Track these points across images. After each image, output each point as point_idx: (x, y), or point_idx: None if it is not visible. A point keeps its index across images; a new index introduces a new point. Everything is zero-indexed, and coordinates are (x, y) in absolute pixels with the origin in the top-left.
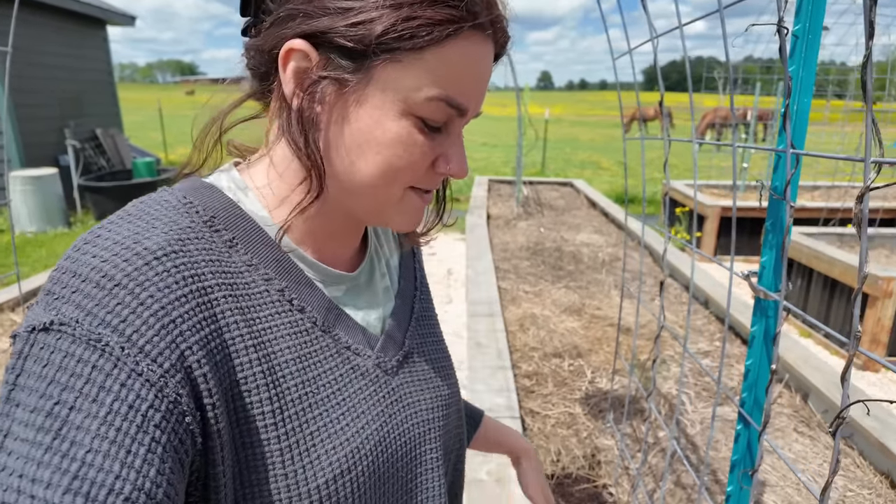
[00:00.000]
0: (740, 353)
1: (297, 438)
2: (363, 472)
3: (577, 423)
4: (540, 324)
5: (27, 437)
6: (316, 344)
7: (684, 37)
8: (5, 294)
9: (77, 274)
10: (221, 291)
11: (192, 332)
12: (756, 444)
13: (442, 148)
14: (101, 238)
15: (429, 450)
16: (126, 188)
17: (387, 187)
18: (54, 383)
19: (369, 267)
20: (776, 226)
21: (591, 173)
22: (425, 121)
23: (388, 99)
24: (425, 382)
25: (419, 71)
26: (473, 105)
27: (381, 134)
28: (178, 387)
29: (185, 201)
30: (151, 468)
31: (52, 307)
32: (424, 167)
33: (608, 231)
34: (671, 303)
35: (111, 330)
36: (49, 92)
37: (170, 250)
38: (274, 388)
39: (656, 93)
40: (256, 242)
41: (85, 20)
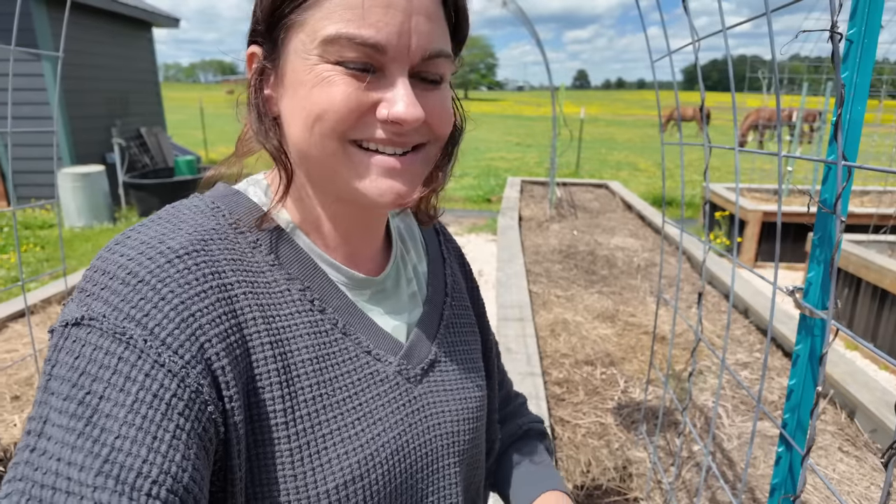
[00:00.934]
0: (781, 365)
1: (308, 440)
2: (377, 480)
3: (608, 434)
4: (572, 330)
5: (62, 424)
6: (335, 346)
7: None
8: (54, 287)
9: (106, 272)
10: (242, 288)
11: (212, 326)
12: (798, 468)
13: (381, 93)
14: (130, 239)
15: (450, 464)
16: (168, 185)
17: (320, 140)
18: (85, 374)
19: (395, 272)
20: (825, 240)
21: (627, 175)
22: (344, 64)
23: (300, 58)
24: (452, 392)
25: (314, 19)
26: (389, 35)
27: (302, 89)
28: (199, 377)
29: (213, 206)
30: (177, 453)
31: (83, 303)
32: (352, 111)
33: (644, 235)
34: (709, 311)
35: (135, 324)
36: (97, 92)
37: (191, 249)
38: (287, 386)
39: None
40: (281, 244)
41: (132, 23)
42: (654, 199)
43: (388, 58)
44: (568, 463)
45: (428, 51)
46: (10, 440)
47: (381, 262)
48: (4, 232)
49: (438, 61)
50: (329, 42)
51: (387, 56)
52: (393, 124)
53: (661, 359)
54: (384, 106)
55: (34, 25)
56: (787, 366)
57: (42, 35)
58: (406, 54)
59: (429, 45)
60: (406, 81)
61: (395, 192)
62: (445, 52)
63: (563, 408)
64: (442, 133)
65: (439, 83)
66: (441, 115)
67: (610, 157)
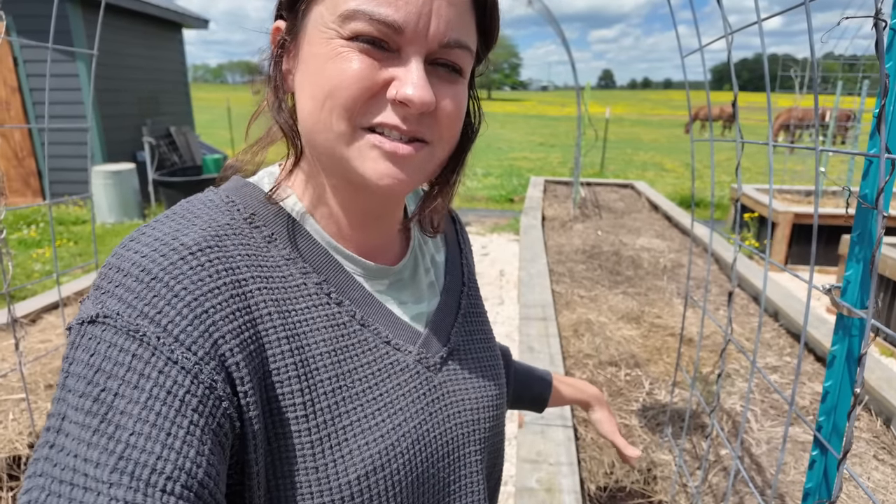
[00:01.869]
0: (812, 370)
1: (329, 432)
2: (399, 469)
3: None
4: (595, 330)
5: (78, 421)
6: (353, 338)
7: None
8: (86, 280)
9: (120, 269)
10: (256, 284)
11: (225, 322)
12: (834, 473)
13: (393, 73)
14: (144, 235)
15: (472, 452)
16: (195, 183)
17: (329, 120)
18: (100, 371)
19: (413, 262)
20: (864, 237)
21: (653, 175)
22: (359, 39)
23: (318, 32)
24: (471, 381)
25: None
26: (409, 16)
27: (315, 63)
28: (212, 373)
29: (228, 200)
30: (191, 449)
31: (98, 301)
32: (363, 89)
33: (671, 236)
34: (737, 314)
35: (148, 321)
36: (129, 92)
37: (205, 245)
38: (306, 379)
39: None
40: (296, 237)
41: (163, 24)
42: (680, 199)
43: (404, 39)
44: (591, 464)
45: (447, 38)
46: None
47: (398, 252)
48: (40, 227)
49: (457, 52)
50: (347, 17)
51: (403, 37)
52: (401, 105)
53: (688, 361)
54: (395, 85)
55: (70, 27)
56: (819, 371)
57: (77, 36)
58: (424, 38)
59: (448, 31)
60: (420, 65)
61: (394, 177)
62: (466, 43)
63: None
64: (449, 132)
65: (457, 77)
66: (451, 111)
67: (635, 157)
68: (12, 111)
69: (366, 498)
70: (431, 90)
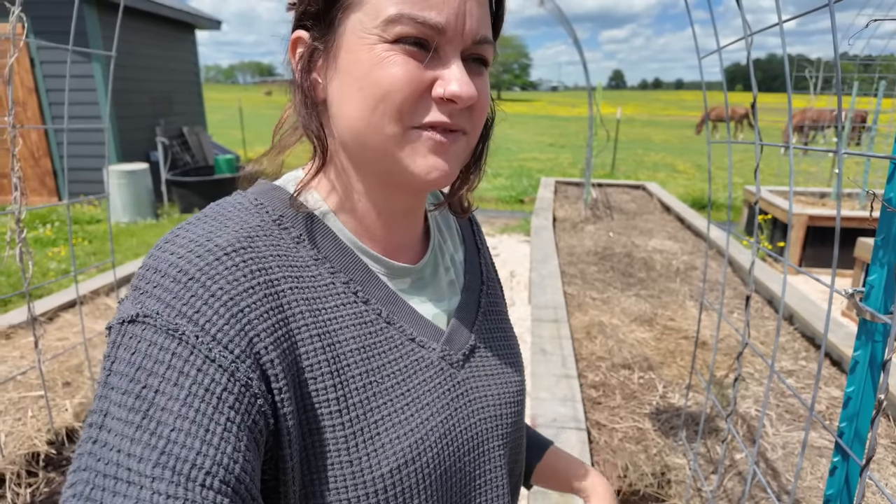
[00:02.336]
0: (828, 374)
1: (362, 426)
2: (428, 463)
3: (646, 439)
4: (608, 333)
5: (121, 417)
6: (380, 335)
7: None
8: (102, 279)
9: (158, 270)
10: (288, 284)
11: (260, 321)
12: (856, 480)
13: (436, 72)
14: (179, 237)
15: (496, 446)
16: (208, 183)
17: (378, 123)
18: (141, 369)
19: (433, 261)
20: (889, 241)
21: (664, 176)
22: (402, 41)
23: (357, 39)
24: (493, 377)
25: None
26: (448, 17)
27: (359, 70)
28: (248, 371)
29: (256, 203)
30: (228, 445)
31: (137, 301)
32: (412, 91)
33: (683, 237)
34: (752, 317)
35: (186, 320)
36: (143, 93)
37: (238, 246)
38: (338, 376)
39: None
40: (322, 238)
41: (176, 25)
42: (692, 200)
43: (445, 38)
44: (604, 467)
45: (479, 35)
46: (61, 424)
47: (419, 251)
48: (55, 226)
49: (486, 47)
50: (391, 22)
51: (444, 37)
52: (448, 103)
53: (701, 364)
54: (440, 84)
55: (87, 28)
56: (835, 375)
57: (94, 37)
58: (461, 36)
59: (479, 28)
60: (460, 62)
61: (441, 169)
62: (491, 37)
63: (600, 411)
64: (480, 121)
65: (484, 69)
66: (483, 101)
67: (647, 158)
68: (29, 112)
69: (398, 490)
70: (472, 83)
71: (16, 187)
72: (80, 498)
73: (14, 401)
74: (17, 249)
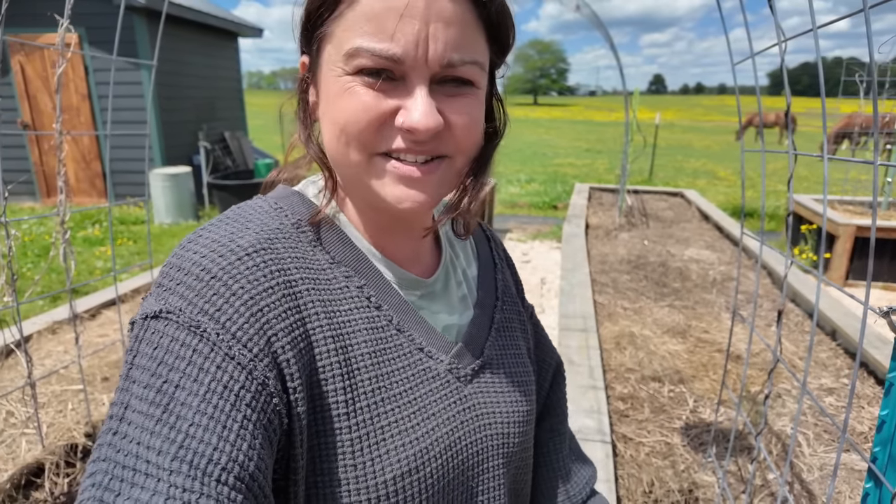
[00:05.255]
0: (872, 393)
1: (368, 431)
2: (432, 473)
3: (674, 454)
4: (638, 344)
5: (142, 410)
6: (391, 342)
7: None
8: (142, 278)
9: (181, 268)
10: (305, 285)
11: (278, 321)
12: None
13: (399, 100)
14: (202, 237)
15: (499, 464)
16: (247, 186)
17: (346, 151)
18: (162, 364)
19: (444, 275)
20: None
21: (705, 183)
22: (364, 72)
23: (329, 68)
24: (502, 395)
25: (340, 31)
26: (407, 46)
27: (329, 99)
28: (265, 370)
29: (276, 206)
30: (244, 442)
31: (161, 297)
32: (371, 121)
33: (722, 247)
34: (791, 331)
35: (208, 318)
36: (188, 99)
37: (259, 248)
38: (349, 379)
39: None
40: (338, 243)
41: (220, 33)
42: (733, 209)
43: (406, 67)
44: (629, 481)
45: (447, 59)
46: (99, 417)
47: (431, 264)
48: (103, 226)
49: (463, 68)
50: (350, 55)
51: (405, 66)
52: (409, 132)
53: (735, 379)
54: (401, 114)
55: (135, 37)
56: (880, 394)
57: (142, 46)
58: (424, 63)
59: (447, 52)
60: (424, 90)
61: (413, 199)
62: (470, 59)
63: (627, 424)
64: (466, 143)
65: (468, 88)
66: (464, 123)
67: (686, 164)
68: (82, 117)
69: (400, 498)
70: (436, 114)
71: (61, 190)
72: (99, 487)
73: (56, 393)
74: (60, 250)
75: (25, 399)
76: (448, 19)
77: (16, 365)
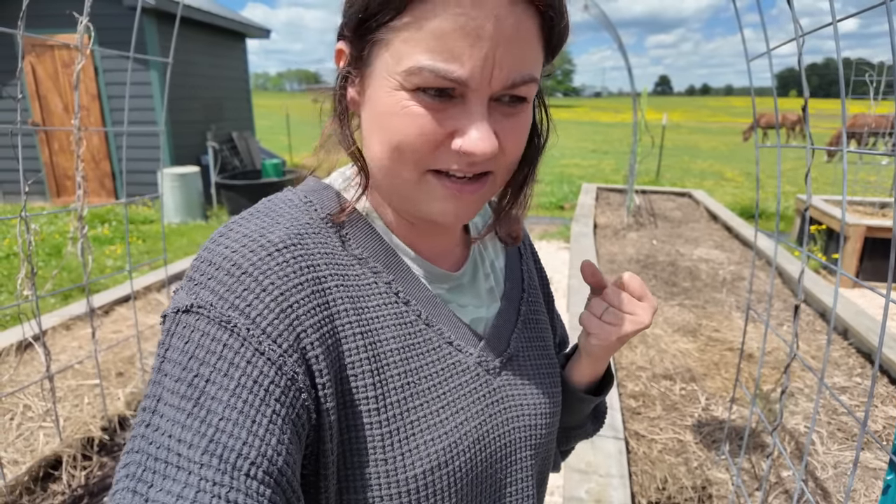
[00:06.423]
0: (886, 392)
1: (398, 426)
2: (461, 467)
3: (686, 452)
4: (649, 342)
5: (173, 403)
6: (419, 336)
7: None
8: (154, 276)
9: (212, 263)
10: (334, 281)
11: (308, 317)
12: None
13: (456, 122)
14: (232, 231)
15: (527, 456)
16: (255, 187)
17: (397, 168)
18: (194, 358)
19: (472, 268)
20: None
21: (712, 183)
22: (424, 91)
23: (381, 77)
24: (529, 387)
25: (399, 43)
26: (473, 69)
27: (381, 112)
28: (295, 366)
29: (306, 200)
30: (273, 437)
31: (192, 292)
32: (429, 142)
33: (731, 247)
34: (802, 330)
35: (238, 312)
36: (196, 99)
37: (290, 243)
38: (378, 374)
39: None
40: (366, 238)
41: (228, 34)
42: (741, 209)
43: (469, 89)
44: (642, 478)
45: (510, 80)
46: (114, 411)
47: (459, 257)
48: (113, 225)
49: (522, 87)
50: (412, 72)
51: (468, 88)
52: (466, 155)
53: (747, 377)
54: (458, 137)
55: (146, 38)
56: (894, 394)
57: (152, 46)
58: (487, 85)
59: (511, 74)
60: (483, 112)
61: (458, 214)
62: (530, 77)
63: (639, 422)
64: (512, 159)
65: (522, 104)
66: (514, 142)
67: (693, 165)
68: (92, 117)
69: (430, 492)
70: (493, 138)
71: (79, 185)
72: (132, 478)
73: (72, 388)
74: (78, 245)
75: (42, 393)
76: (514, 38)
77: (31, 360)
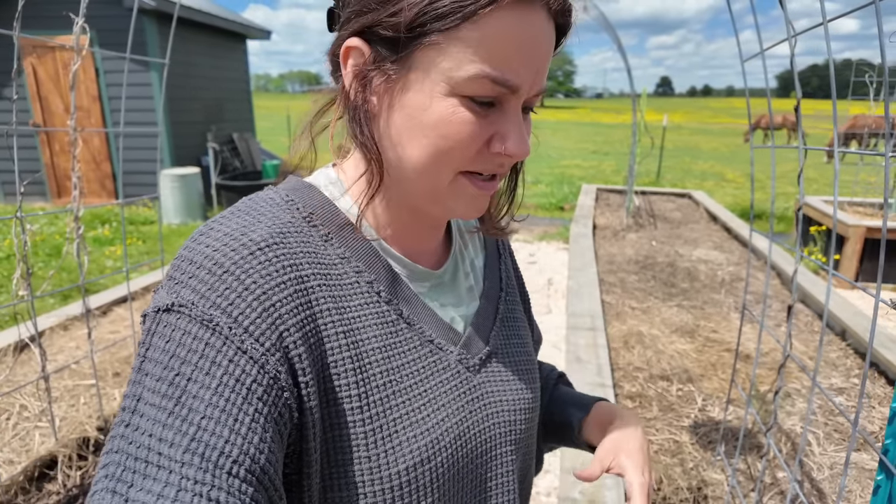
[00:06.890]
0: (883, 393)
1: (381, 423)
2: (442, 463)
3: (682, 452)
4: (647, 343)
5: (154, 402)
6: (401, 335)
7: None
8: (152, 276)
9: (193, 261)
10: (317, 281)
11: (290, 316)
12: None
13: (496, 126)
14: (213, 230)
15: (507, 451)
16: (255, 187)
17: (436, 171)
18: (175, 357)
19: (453, 266)
20: None
21: (712, 185)
22: (473, 98)
23: (430, 81)
24: (508, 383)
25: (457, 50)
26: (525, 79)
27: (427, 117)
28: (277, 364)
29: (288, 199)
30: (255, 436)
31: (173, 290)
32: (475, 147)
33: (730, 248)
34: (800, 331)
35: (220, 311)
36: (196, 100)
37: (272, 242)
38: (360, 373)
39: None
40: (348, 237)
41: (228, 35)
42: (741, 210)
43: (515, 97)
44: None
45: (540, 88)
46: (111, 412)
47: (440, 256)
48: (113, 226)
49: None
50: (470, 79)
51: (515, 95)
52: (509, 157)
53: (744, 378)
54: (499, 140)
55: (146, 39)
56: (891, 394)
57: (152, 47)
58: (527, 93)
59: (542, 83)
60: (520, 117)
61: (478, 209)
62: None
63: None
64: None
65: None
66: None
67: (694, 166)
68: (92, 118)
69: (413, 488)
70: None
71: (75, 186)
72: (112, 479)
73: (69, 388)
74: (74, 245)
75: (39, 393)
76: (548, 53)
77: (28, 360)
